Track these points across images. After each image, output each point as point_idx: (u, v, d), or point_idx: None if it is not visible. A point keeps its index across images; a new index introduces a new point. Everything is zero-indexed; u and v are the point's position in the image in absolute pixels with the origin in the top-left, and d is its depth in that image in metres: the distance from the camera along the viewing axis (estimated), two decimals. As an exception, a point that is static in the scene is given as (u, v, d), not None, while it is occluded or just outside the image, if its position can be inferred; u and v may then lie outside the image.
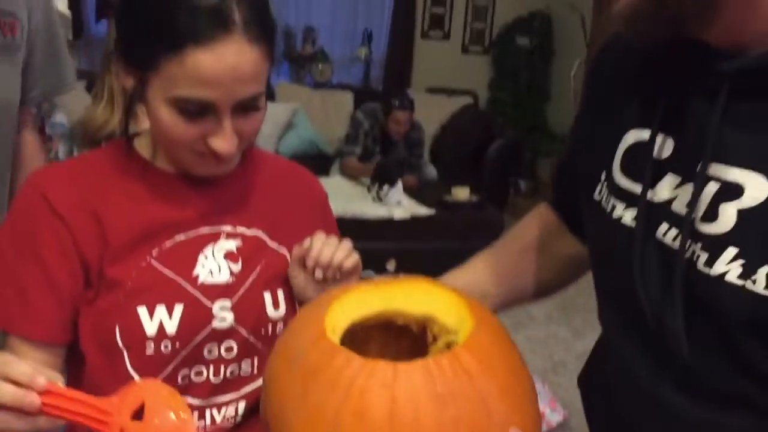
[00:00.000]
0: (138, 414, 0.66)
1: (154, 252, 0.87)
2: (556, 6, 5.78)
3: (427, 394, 0.59)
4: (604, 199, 0.78)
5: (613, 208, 0.75)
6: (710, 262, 0.64)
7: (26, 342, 0.84)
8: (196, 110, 0.80)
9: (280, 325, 0.93)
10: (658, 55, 0.72)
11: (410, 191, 3.94)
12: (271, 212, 0.97)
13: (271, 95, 0.93)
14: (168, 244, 0.88)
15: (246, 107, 0.82)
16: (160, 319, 0.85)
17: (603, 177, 0.79)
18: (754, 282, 0.61)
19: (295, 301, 0.96)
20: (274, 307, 0.93)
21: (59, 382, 0.67)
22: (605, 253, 0.79)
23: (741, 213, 0.62)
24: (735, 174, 0.63)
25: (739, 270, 0.62)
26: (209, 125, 0.81)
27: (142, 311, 0.84)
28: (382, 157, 4.29)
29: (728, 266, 0.62)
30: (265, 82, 0.84)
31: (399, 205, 3.65)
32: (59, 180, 0.87)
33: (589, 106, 0.87)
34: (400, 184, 3.70)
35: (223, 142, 0.82)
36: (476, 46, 6.08)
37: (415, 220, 3.67)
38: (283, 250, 0.96)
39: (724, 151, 0.64)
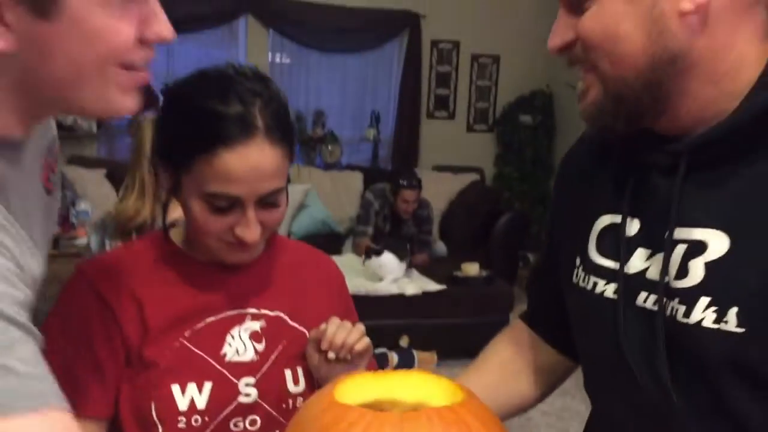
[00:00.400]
0: None
1: (187, 333, 0.96)
2: (555, 85, 5.99)
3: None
4: (581, 279, 0.86)
5: (595, 284, 0.84)
6: (687, 313, 0.72)
7: (75, 417, 0.91)
8: (224, 204, 0.90)
9: (300, 400, 1.00)
10: (619, 149, 0.83)
11: (422, 268, 4.03)
12: (292, 295, 1.05)
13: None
14: (199, 325, 0.97)
15: (268, 201, 0.92)
16: (191, 396, 0.93)
17: (578, 262, 0.88)
18: (726, 323, 0.69)
19: (313, 378, 1.03)
20: (294, 383, 1.01)
21: None
22: (592, 326, 0.86)
23: (707, 265, 0.72)
24: (698, 233, 0.73)
25: (714, 315, 0.70)
26: (236, 217, 0.91)
27: (175, 388, 0.93)
28: (390, 235, 4.41)
29: (703, 314, 0.71)
30: (285, 178, 0.94)
31: (395, 281, 3.70)
32: (106, 270, 0.97)
33: (559, 210, 0.98)
34: (391, 257, 3.72)
35: (248, 232, 0.91)
36: (481, 124, 6.27)
37: (426, 296, 3.73)
38: (303, 330, 1.04)
39: (686, 216, 0.73)
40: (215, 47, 5.69)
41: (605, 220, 0.85)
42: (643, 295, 0.78)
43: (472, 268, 3.94)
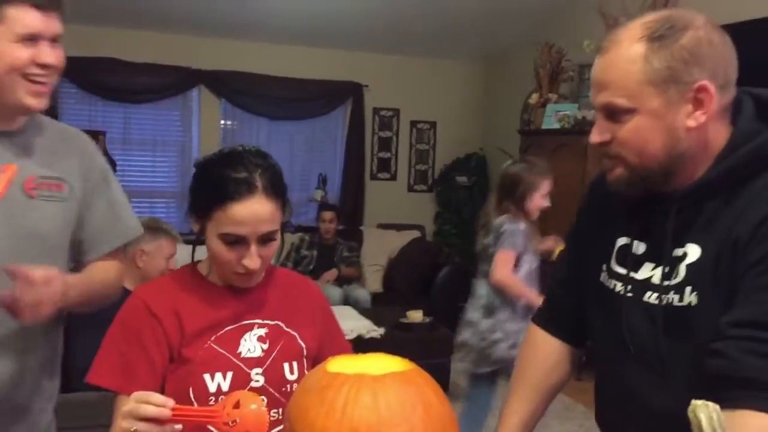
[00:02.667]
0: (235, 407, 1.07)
1: (213, 338, 1.30)
2: (488, 148, 6.51)
3: (396, 390, 1.01)
4: (605, 281, 1.21)
5: (614, 285, 1.18)
6: (680, 299, 1.07)
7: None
8: (234, 241, 1.26)
9: (295, 385, 1.33)
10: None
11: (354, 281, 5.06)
12: (286, 309, 1.40)
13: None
14: (221, 332, 1.31)
15: (265, 239, 1.29)
16: (218, 382, 1.26)
17: (604, 268, 1.21)
18: (699, 300, 1.04)
19: (304, 369, 1.36)
20: (291, 373, 1.34)
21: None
22: (607, 312, 1.20)
23: (687, 267, 1.07)
24: (683, 248, 1.08)
25: (696, 298, 1.05)
26: (243, 251, 1.27)
27: (207, 377, 1.26)
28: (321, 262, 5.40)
29: (690, 298, 1.06)
30: (279, 223, 1.31)
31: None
32: (154, 292, 1.32)
33: (586, 229, 1.31)
34: None
35: (251, 261, 1.28)
36: (421, 185, 6.73)
37: (374, 340, 4.04)
38: (295, 334, 1.38)
39: (675, 238, 1.09)
40: (171, 114, 6.02)
41: (621, 240, 1.19)
42: (648, 294, 1.12)
43: (416, 315, 4.28)
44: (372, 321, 4.22)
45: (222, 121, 6.16)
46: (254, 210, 1.25)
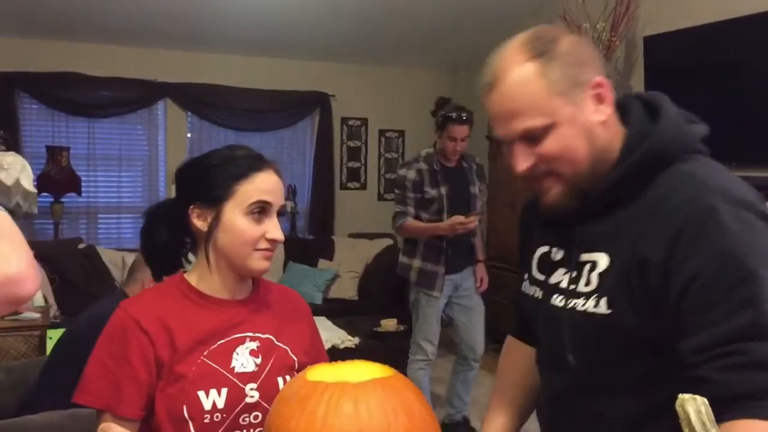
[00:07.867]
0: None
1: (205, 353, 1.26)
2: (457, 155, 6.53)
3: (378, 396, 1.01)
4: (526, 288, 1.26)
5: (534, 291, 1.23)
6: (596, 306, 1.07)
7: (115, 417, 1.20)
8: (260, 211, 1.28)
9: None
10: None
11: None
12: (276, 322, 1.37)
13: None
14: (213, 346, 1.28)
15: (280, 213, 1.32)
16: (213, 399, 1.23)
17: (526, 277, 1.26)
18: (612, 309, 1.06)
19: None
20: None
21: None
22: (532, 317, 1.25)
23: (599, 276, 1.08)
24: (593, 256, 1.10)
25: (608, 307, 1.06)
26: (266, 224, 1.28)
27: (201, 394, 1.23)
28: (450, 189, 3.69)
29: (603, 307, 1.06)
30: None
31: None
32: (143, 305, 1.28)
33: (520, 239, 1.35)
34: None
35: (277, 232, 1.29)
36: (391, 193, 6.70)
37: (349, 350, 4.03)
38: (286, 348, 1.36)
39: (586, 246, 1.11)
40: (136, 128, 5.95)
41: (542, 249, 1.23)
42: (555, 296, 1.16)
43: (390, 324, 4.28)
44: (346, 331, 4.20)
45: (189, 134, 6.11)
46: (273, 179, 1.31)
